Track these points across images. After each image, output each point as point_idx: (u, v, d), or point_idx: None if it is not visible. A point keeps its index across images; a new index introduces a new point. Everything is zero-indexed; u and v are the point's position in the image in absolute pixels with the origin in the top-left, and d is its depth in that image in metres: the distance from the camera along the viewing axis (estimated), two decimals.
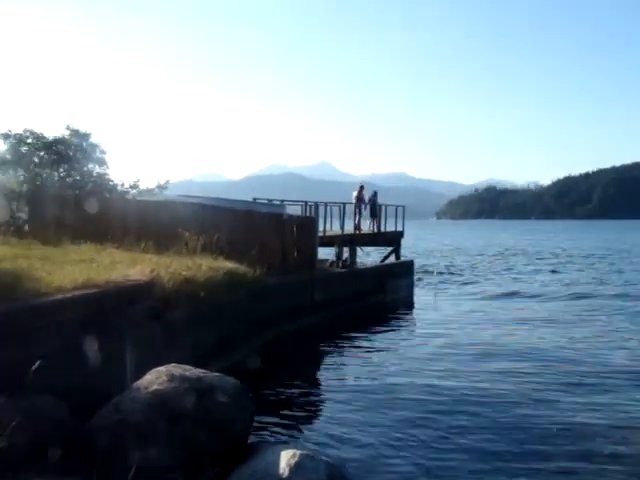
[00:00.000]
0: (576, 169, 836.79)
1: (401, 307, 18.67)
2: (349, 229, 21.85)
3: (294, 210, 18.36)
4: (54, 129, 19.28)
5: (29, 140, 15.28)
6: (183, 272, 8.60)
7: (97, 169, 15.98)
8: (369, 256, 27.02)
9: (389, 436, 7.14)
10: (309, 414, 8.29)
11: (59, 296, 5.73)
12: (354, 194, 23.44)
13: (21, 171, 14.98)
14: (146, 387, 5.16)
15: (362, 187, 23.78)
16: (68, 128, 15.78)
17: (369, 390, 9.12)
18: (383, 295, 18.95)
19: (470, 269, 32.28)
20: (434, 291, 22.63)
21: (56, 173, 15.60)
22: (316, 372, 10.96)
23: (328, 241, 18.48)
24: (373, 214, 23.86)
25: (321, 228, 17.73)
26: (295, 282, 13.91)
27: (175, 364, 5.55)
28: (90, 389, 5.41)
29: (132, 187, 15.94)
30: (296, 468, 4.80)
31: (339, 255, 18.98)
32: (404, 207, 24.75)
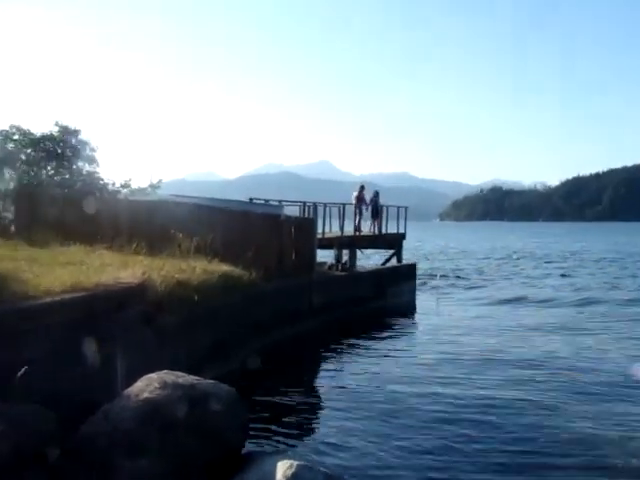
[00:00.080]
0: (586, 169, 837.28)
1: (403, 312, 18.64)
2: (349, 231, 21.82)
3: (292, 211, 18.35)
4: (42, 125, 19.32)
5: (15, 137, 15.29)
6: (176, 275, 8.61)
7: (87, 167, 16.03)
8: (370, 259, 27.03)
9: (390, 445, 7.14)
10: (307, 421, 8.30)
11: (47, 299, 5.73)
12: (354, 194, 23.40)
13: (7, 169, 14.99)
14: (137, 395, 5.16)
15: (362, 187, 23.75)
16: (57, 124, 15.81)
17: (369, 397, 9.12)
18: (384, 300, 18.95)
19: (476, 273, 32.27)
20: (437, 296, 22.63)
21: (44, 171, 15.62)
22: (314, 378, 10.96)
23: (327, 243, 18.47)
24: (375, 215, 23.84)
25: (320, 230, 17.72)
26: (293, 286, 13.92)
27: (167, 371, 5.55)
28: (79, 396, 5.41)
29: (123, 186, 15.98)
30: (293, 479, 4.80)
31: (338, 258, 18.97)
32: (406, 208, 24.69)
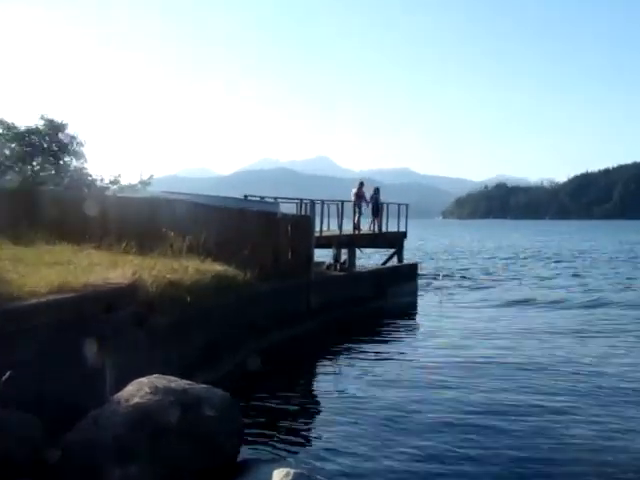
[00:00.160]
0: (595, 165, 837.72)
1: (403, 313, 18.63)
2: (348, 229, 21.80)
3: (288, 208, 18.34)
4: (27, 119, 19.30)
5: None
6: (168, 275, 8.61)
7: (74, 163, 15.99)
8: (369, 259, 27.01)
9: (391, 450, 7.14)
10: (305, 426, 8.30)
11: (33, 300, 5.72)
12: (353, 191, 23.33)
13: None
14: (127, 400, 5.16)
15: (362, 183, 23.70)
16: (42, 118, 15.77)
17: (369, 401, 9.12)
18: (384, 300, 18.96)
19: (482, 273, 32.09)
20: (440, 297, 22.61)
21: (29, 167, 15.58)
22: (312, 382, 10.97)
23: (325, 242, 18.45)
24: (375, 213, 23.81)
25: (317, 228, 17.71)
26: (290, 286, 13.92)
27: (159, 375, 5.56)
28: (66, 401, 5.41)
29: (112, 182, 15.95)
30: None
31: (337, 257, 18.97)
32: (407, 205, 24.66)
